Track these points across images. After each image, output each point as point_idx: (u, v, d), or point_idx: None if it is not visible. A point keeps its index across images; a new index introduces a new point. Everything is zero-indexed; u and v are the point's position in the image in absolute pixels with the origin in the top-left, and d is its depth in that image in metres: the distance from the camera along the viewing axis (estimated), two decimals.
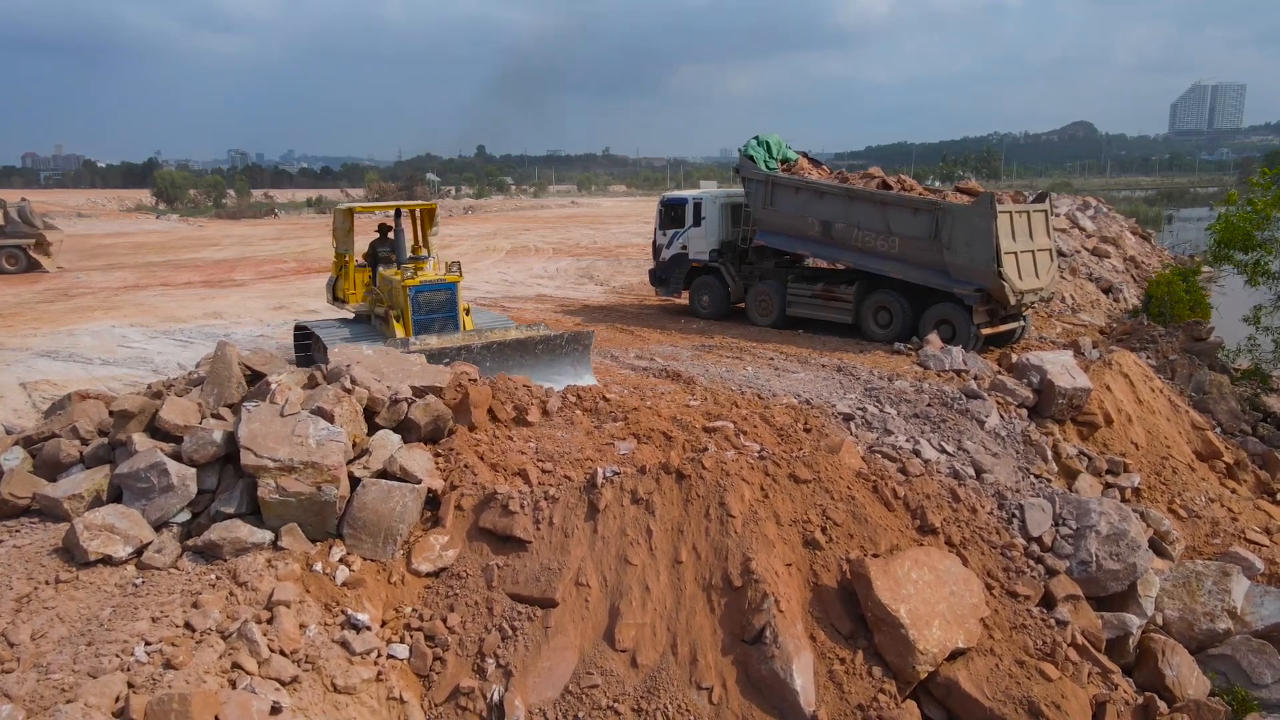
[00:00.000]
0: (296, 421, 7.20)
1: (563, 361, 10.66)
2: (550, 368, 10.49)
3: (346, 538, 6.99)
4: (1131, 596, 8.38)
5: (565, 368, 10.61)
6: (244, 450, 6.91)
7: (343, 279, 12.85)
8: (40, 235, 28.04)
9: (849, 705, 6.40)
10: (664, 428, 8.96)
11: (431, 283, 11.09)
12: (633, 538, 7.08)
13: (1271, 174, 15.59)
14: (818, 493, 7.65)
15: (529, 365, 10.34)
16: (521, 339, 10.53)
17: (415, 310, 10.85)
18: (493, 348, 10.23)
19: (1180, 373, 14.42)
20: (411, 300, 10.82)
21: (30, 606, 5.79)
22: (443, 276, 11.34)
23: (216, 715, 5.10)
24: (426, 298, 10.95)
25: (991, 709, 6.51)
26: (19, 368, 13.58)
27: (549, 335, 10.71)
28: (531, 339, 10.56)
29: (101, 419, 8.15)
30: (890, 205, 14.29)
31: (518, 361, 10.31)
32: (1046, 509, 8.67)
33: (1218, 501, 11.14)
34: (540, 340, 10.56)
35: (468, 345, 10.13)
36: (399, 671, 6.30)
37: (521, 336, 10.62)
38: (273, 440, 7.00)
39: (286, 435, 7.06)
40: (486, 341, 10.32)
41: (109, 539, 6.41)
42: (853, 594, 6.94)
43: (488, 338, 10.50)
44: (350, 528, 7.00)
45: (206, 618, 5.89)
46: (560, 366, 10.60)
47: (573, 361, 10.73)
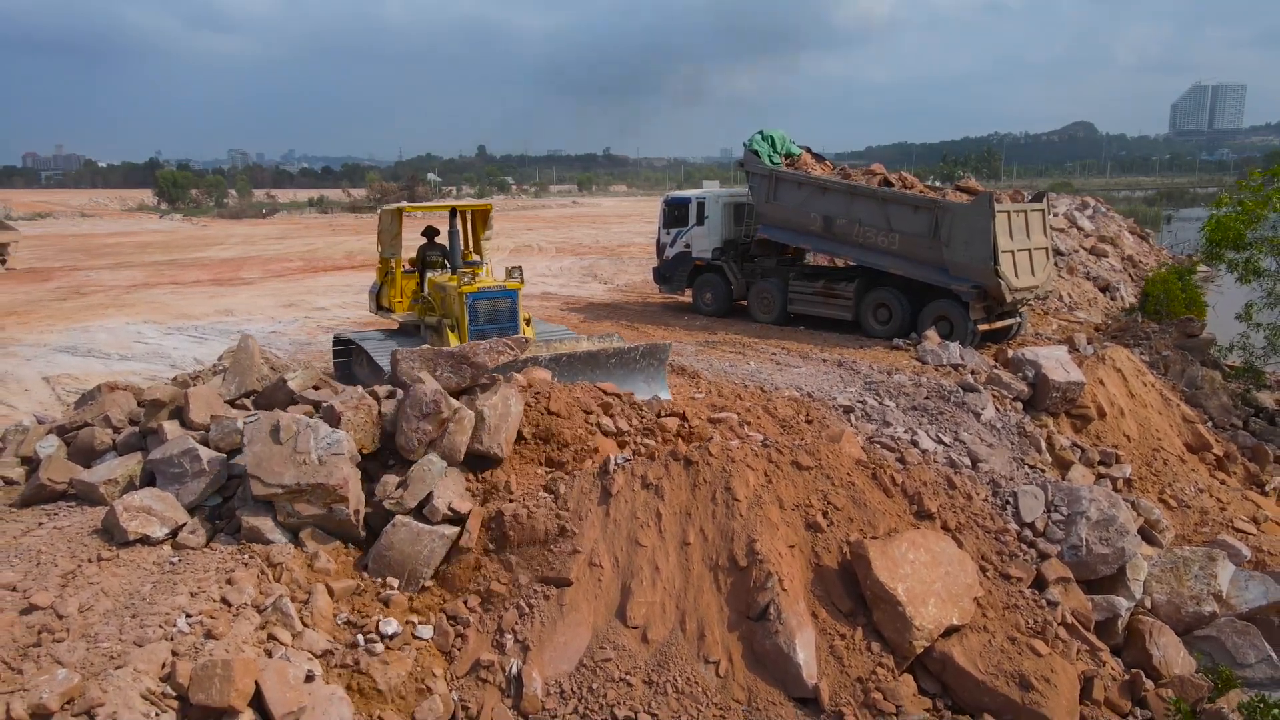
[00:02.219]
0: (296, 435, 7.03)
1: (636, 376, 9.80)
2: (623, 383, 9.52)
3: (371, 570, 6.91)
4: (1120, 580, 8.71)
5: (639, 383, 9.75)
6: (252, 480, 6.85)
7: (388, 285, 11.73)
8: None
9: (849, 678, 6.73)
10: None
11: (490, 289, 10.25)
12: (643, 521, 7.41)
13: (1261, 176, 15.92)
14: (819, 479, 7.99)
15: (600, 379, 9.41)
16: (593, 351, 9.70)
17: (472, 319, 10.06)
18: (562, 360, 9.36)
19: (1173, 368, 14.75)
20: (469, 308, 10.00)
21: (76, 582, 6.13)
22: (502, 283, 10.47)
23: (256, 680, 5.45)
24: (485, 306, 10.13)
25: (984, 682, 6.84)
26: (39, 362, 13.93)
27: (622, 347, 9.89)
28: (604, 351, 9.73)
29: (131, 409, 8.50)
30: (891, 202, 14.62)
31: (588, 375, 9.43)
32: (1039, 496, 9.01)
33: (1207, 492, 11.48)
34: (613, 353, 9.74)
35: (535, 356, 9.26)
36: (424, 649, 6.63)
37: (593, 349, 9.77)
38: (277, 463, 6.88)
39: (289, 455, 6.94)
40: (555, 353, 9.47)
41: (146, 520, 6.74)
42: (852, 574, 7.28)
43: (556, 349, 9.65)
44: (375, 563, 6.94)
45: (241, 593, 6.23)
46: (634, 381, 9.73)
47: (647, 377, 9.89)
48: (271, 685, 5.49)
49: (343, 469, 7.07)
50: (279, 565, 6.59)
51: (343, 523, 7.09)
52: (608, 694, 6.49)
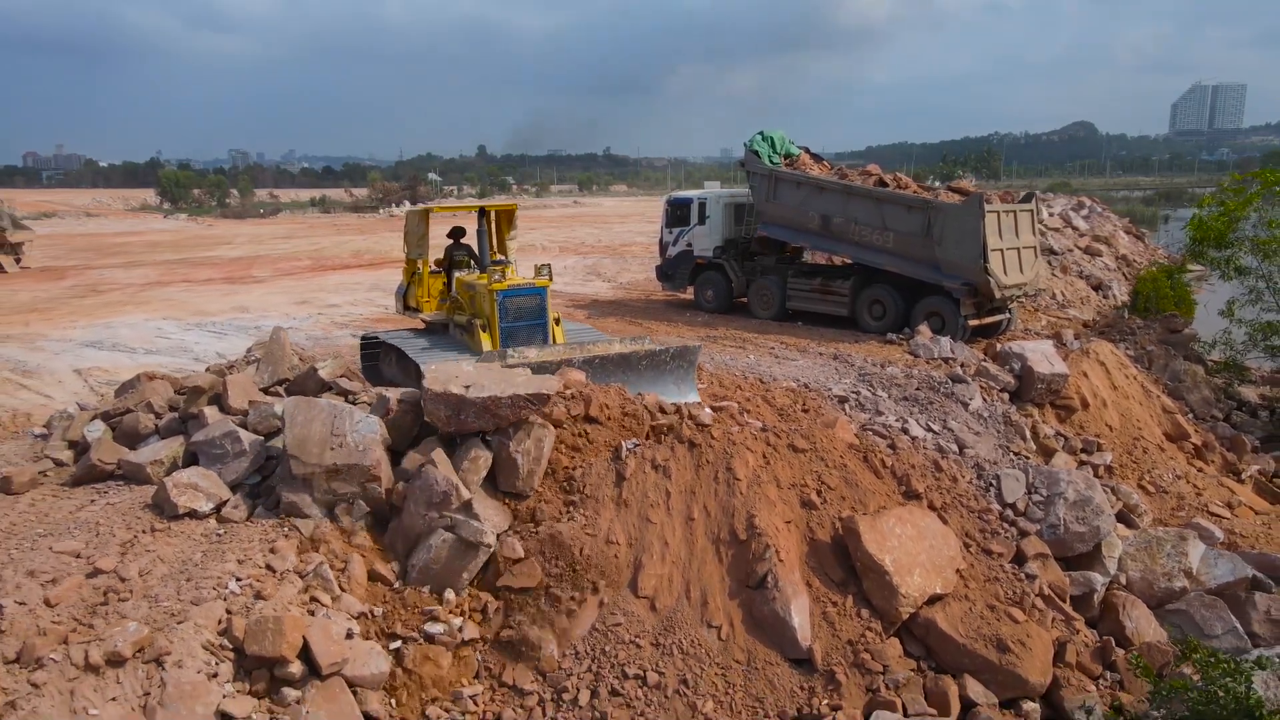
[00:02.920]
0: (335, 417, 7.58)
1: (666, 378, 9.94)
2: (653, 384, 9.73)
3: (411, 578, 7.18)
4: (1096, 557, 9.30)
5: (669, 384, 9.89)
6: (292, 459, 7.42)
7: (415, 286, 11.66)
8: (3, 236, 28.73)
9: (840, 641, 7.32)
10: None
11: (520, 287, 10.26)
12: (653, 500, 7.98)
13: (1240, 179, 16.49)
14: (814, 461, 8.58)
15: (631, 381, 9.53)
16: (625, 353, 9.74)
17: (503, 317, 10.09)
18: (595, 361, 9.46)
19: (1157, 362, 15.33)
20: (499, 306, 10.06)
21: (134, 550, 6.71)
22: (532, 280, 10.48)
23: (303, 635, 6.04)
24: (515, 303, 10.18)
25: (964, 645, 7.43)
26: (68, 356, 14.51)
27: (654, 349, 9.96)
28: (636, 353, 9.79)
29: (169, 396, 9.09)
30: (886, 202, 15.19)
31: (620, 377, 9.51)
32: (1020, 479, 9.60)
33: (1184, 478, 12.07)
34: (645, 355, 9.82)
35: (569, 359, 9.37)
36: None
37: (625, 350, 9.80)
38: (310, 445, 7.43)
39: (324, 437, 7.49)
40: (589, 355, 9.55)
41: (194, 495, 7.32)
42: (844, 547, 7.87)
43: (590, 350, 9.71)
44: (416, 571, 7.22)
45: (284, 561, 6.82)
46: (664, 383, 9.86)
47: (677, 379, 10.02)
48: (317, 639, 6.08)
49: (376, 451, 7.65)
50: (317, 537, 7.17)
51: (375, 500, 7.67)
52: (618, 655, 7.07)
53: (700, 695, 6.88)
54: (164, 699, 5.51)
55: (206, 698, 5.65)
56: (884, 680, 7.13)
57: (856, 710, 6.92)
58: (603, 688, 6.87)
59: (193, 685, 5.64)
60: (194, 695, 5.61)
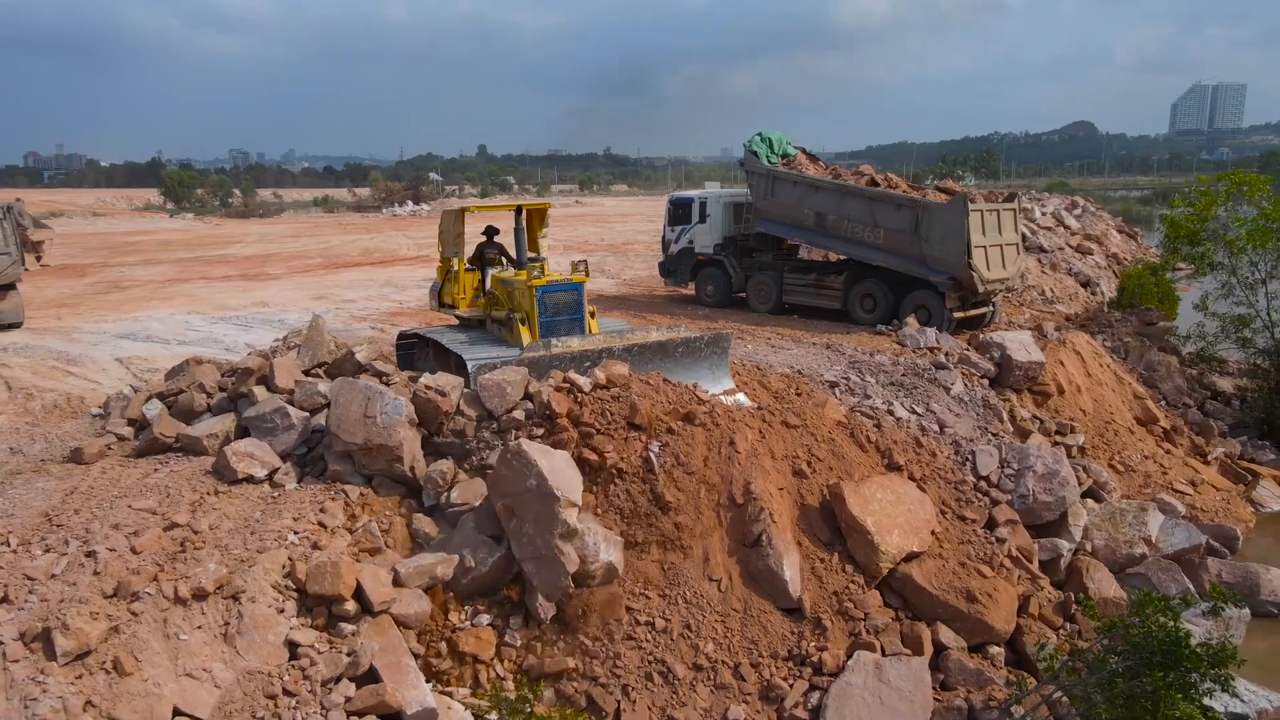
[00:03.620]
0: (368, 400, 8.35)
1: (701, 365, 10.35)
2: (689, 370, 10.16)
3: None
4: (1063, 525, 10.20)
5: (704, 371, 10.33)
6: (333, 436, 8.35)
7: (450, 283, 11.86)
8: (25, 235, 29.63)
9: (827, 592, 8.22)
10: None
11: (558, 283, 10.57)
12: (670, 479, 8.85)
13: (1208, 180, 17.35)
14: (805, 435, 9.47)
15: (668, 368, 9.93)
16: (663, 341, 10.15)
17: (542, 312, 10.33)
18: (634, 350, 9.81)
19: (1133, 353, 16.22)
20: (538, 301, 10.32)
21: (202, 508, 7.59)
22: (569, 276, 10.80)
23: (357, 578, 6.93)
24: (553, 298, 10.44)
25: (937, 596, 8.33)
26: (107, 347, 15.39)
27: (689, 337, 10.37)
28: (672, 341, 10.19)
29: (217, 379, 9.98)
30: (877, 200, 16.06)
31: (657, 364, 9.89)
32: (994, 453, 10.50)
33: (1152, 459, 12.96)
34: (681, 342, 10.23)
35: (609, 347, 9.73)
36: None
37: (663, 339, 10.22)
38: (349, 424, 8.25)
39: (359, 417, 8.29)
40: (628, 343, 9.90)
41: (250, 463, 8.21)
42: (831, 511, 8.76)
43: (629, 339, 10.08)
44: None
45: (334, 519, 7.71)
46: (699, 370, 10.29)
47: (711, 365, 10.46)
48: (369, 582, 6.97)
49: (399, 433, 8.29)
50: (361, 501, 8.06)
51: (400, 477, 8.51)
52: (632, 604, 7.95)
53: (702, 638, 7.77)
54: (241, 628, 6.41)
55: (276, 628, 6.55)
56: (865, 626, 8.02)
57: (840, 651, 7.82)
58: (618, 632, 7.75)
59: (264, 617, 6.54)
60: (265, 625, 6.51)
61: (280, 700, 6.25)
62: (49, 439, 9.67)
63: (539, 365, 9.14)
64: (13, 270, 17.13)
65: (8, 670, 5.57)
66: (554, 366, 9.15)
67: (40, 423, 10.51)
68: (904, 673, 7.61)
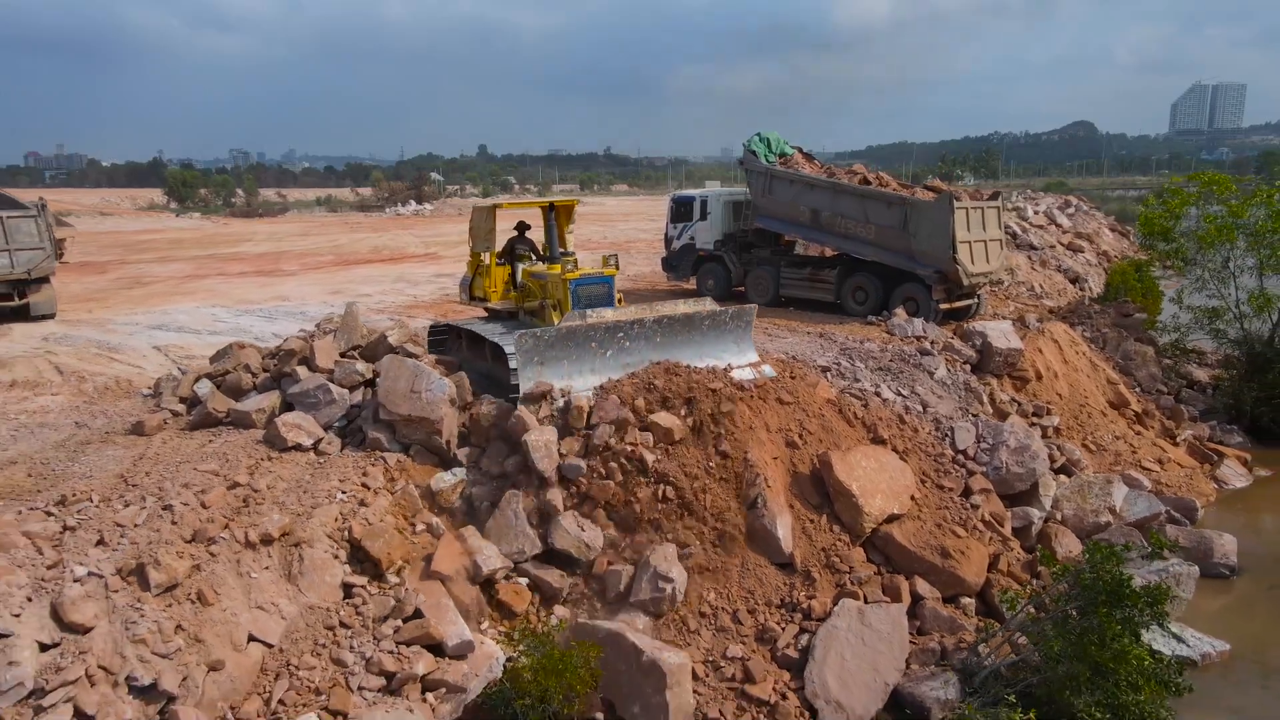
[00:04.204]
0: (415, 376, 9.35)
1: (727, 337, 10.86)
2: (715, 342, 10.71)
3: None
4: (1034, 495, 11.13)
5: (729, 343, 10.88)
6: (380, 406, 9.32)
7: (481, 277, 12.21)
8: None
9: (815, 548, 9.15)
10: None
11: (591, 276, 11.07)
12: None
13: (1179, 180, 18.26)
14: (797, 411, 10.40)
15: (696, 341, 10.49)
16: (690, 313, 10.57)
17: (575, 303, 10.66)
18: (663, 322, 10.28)
19: (1111, 343, 17.17)
20: (572, 294, 10.72)
21: (258, 471, 8.52)
22: (600, 270, 11.30)
23: (398, 527, 7.86)
24: (586, 290, 10.82)
25: (914, 552, 9.26)
26: (142, 337, 16.32)
27: (715, 310, 10.80)
28: (699, 314, 10.63)
29: (258, 361, 10.91)
30: (868, 198, 16.98)
31: (685, 337, 10.43)
32: (971, 430, 11.43)
33: (1122, 439, 13.90)
34: (708, 315, 10.67)
35: (640, 319, 10.17)
36: None
37: (690, 311, 10.65)
38: (396, 397, 9.23)
39: (405, 391, 9.26)
40: (659, 315, 10.32)
41: (298, 433, 9.15)
42: (820, 478, 9.69)
43: (659, 311, 10.47)
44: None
45: (375, 481, 8.64)
46: (725, 342, 10.83)
47: (736, 337, 10.97)
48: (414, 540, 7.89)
49: (440, 409, 9.30)
50: (400, 466, 8.99)
51: (436, 449, 9.44)
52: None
53: (705, 589, 8.70)
54: (302, 570, 7.35)
55: (332, 571, 7.49)
56: (850, 578, 8.96)
57: (827, 599, 8.75)
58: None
59: (322, 562, 7.48)
60: (323, 569, 7.45)
61: (338, 631, 7.19)
62: (108, 415, 10.61)
63: (576, 334, 9.76)
64: (46, 264, 18.08)
65: (110, 598, 6.50)
66: (589, 337, 9.82)
67: (95, 402, 11.45)
68: (884, 618, 8.53)
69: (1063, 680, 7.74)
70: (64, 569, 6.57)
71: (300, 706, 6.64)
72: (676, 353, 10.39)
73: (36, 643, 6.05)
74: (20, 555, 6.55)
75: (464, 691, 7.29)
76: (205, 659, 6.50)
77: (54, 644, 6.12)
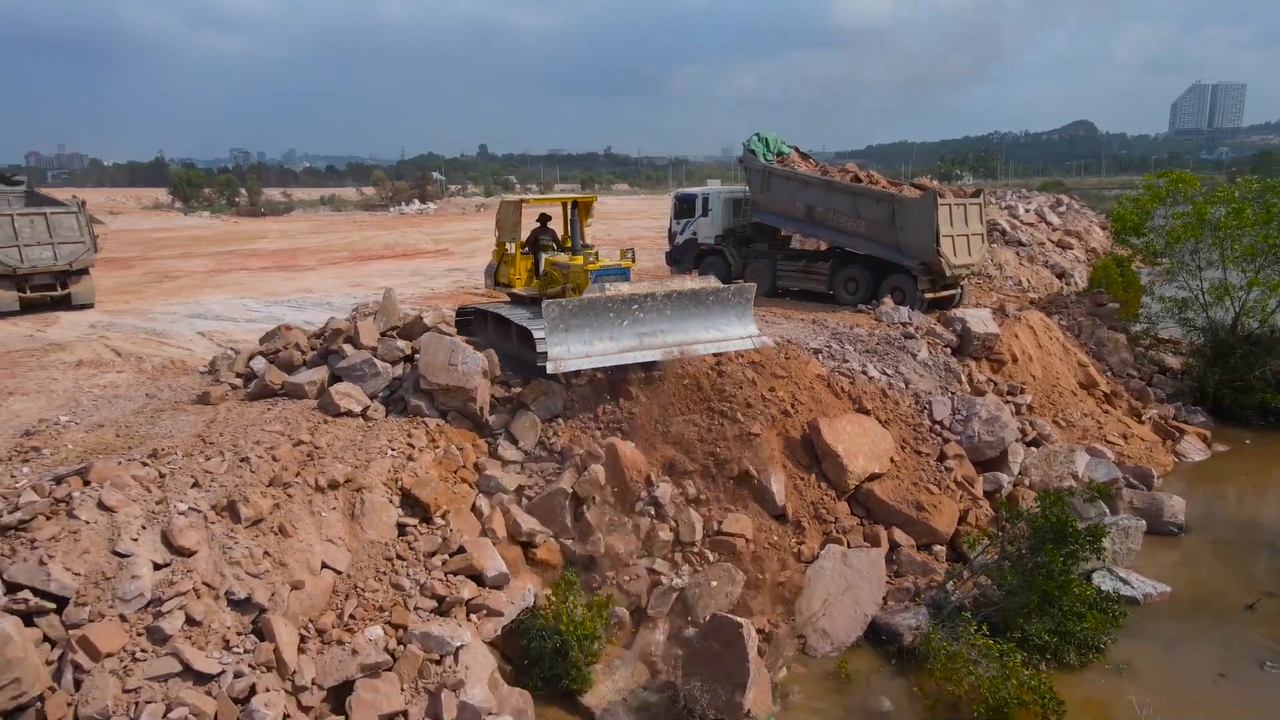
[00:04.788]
0: (452, 351, 10.58)
1: (730, 312, 11.82)
2: (720, 316, 11.71)
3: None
4: (1004, 461, 12.36)
5: (732, 318, 11.85)
6: (421, 377, 10.55)
7: (506, 265, 13.06)
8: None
9: (805, 502, 10.38)
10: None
11: (610, 267, 12.15)
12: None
13: (1150, 178, 19.49)
14: (789, 384, 11.63)
15: (702, 314, 11.52)
16: (696, 290, 11.60)
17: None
18: (673, 296, 11.29)
19: (1085, 330, 18.39)
20: (593, 284, 11.64)
21: (318, 432, 9.74)
22: (619, 262, 12.38)
23: (442, 478, 9.08)
24: (605, 281, 11.72)
25: (893, 506, 10.49)
26: (183, 324, 17.57)
27: (719, 287, 11.88)
28: (705, 290, 11.66)
29: (304, 340, 12.13)
30: (859, 195, 18.19)
31: (693, 310, 11.45)
32: (947, 403, 12.66)
33: (1090, 416, 15.13)
34: (711, 292, 11.72)
35: (653, 293, 11.18)
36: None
37: (696, 287, 11.71)
38: (436, 369, 10.45)
39: (444, 364, 10.47)
40: (669, 290, 11.43)
41: (349, 400, 10.37)
42: (810, 442, 10.92)
43: (670, 287, 11.57)
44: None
45: (419, 441, 9.87)
46: (728, 316, 11.80)
47: (739, 312, 11.92)
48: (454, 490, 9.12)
49: (475, 379, 10.51)
50: (440, 429, 10.23)
51: (471, 414, 10.66)
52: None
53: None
54: (364, 511, 8.58)
55: (388, 513, 8.72)
56: (835, 527, 10.20)
57: (815, 544, 9.99)
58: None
59: (380, 505, 8.71)
60: (381, 511, 8.68)
61: (395, 562, 8.43)
62: (172, 389, 11.85)
63: (596, 305, 10.78)
64: (86, 257, 19.42)
65: (209, 528, 7.73)
66: (608, 308, 10.86)
67: (157, 378, 12.69)
68: (864, 560, 9.77)
69: (1017, 609, 8.97)
70: (168, 504, 7.80)
71: (367, 621, 7.88)
72: (684, 324, 11.37)
73: (152, 562, 7.28)
74: (133, 493, 7.78)
75: (501, 615, 8.53)
76: (288, 580, 7.73)
77: (165, 564, 7.35)
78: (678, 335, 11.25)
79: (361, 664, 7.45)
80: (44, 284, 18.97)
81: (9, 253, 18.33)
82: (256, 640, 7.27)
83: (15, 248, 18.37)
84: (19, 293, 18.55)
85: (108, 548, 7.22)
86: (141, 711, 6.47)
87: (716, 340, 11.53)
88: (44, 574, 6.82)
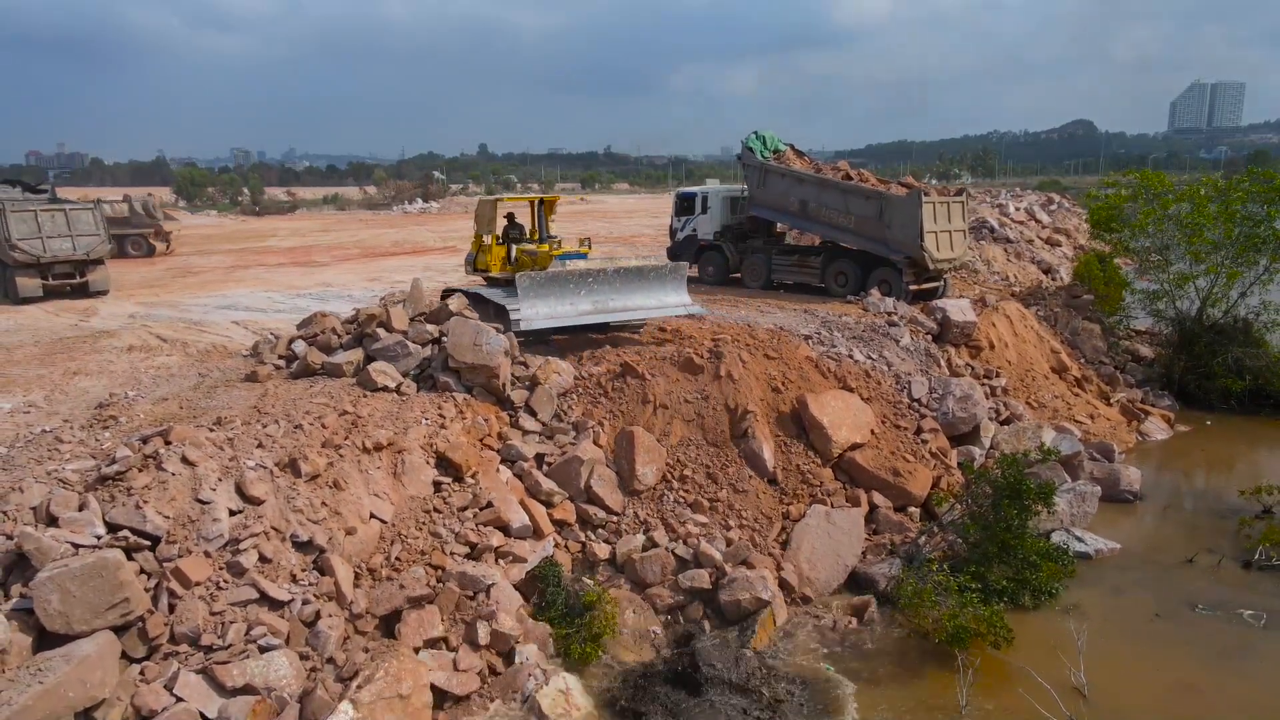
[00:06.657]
0: (477, 333, 11.85)
1: (668, 285, 14.16)
2: (660, 287, 14.02)
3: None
4: (976, 436, 13.56)
5: (669, 290, 14.17)
6: (450, 357, 11.77)
7: (484, 254, 15.64)
8: (158, 225, 33.51)
9: (793, 468, 11.58)
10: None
11: (570, 253, 14.92)
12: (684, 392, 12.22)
13: (1123, 175, 20.65)
14: (780, 364, 12.83)
15: (645, 287, 13.81)
16: (640, 266, 14.07)
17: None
18: (620, 271, 13.64)
19: (1060, 320, 19.59)
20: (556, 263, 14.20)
21: (359, 404, 10.94)
22: (578, 249, 15.14)
23: (471, 443, 10.28)
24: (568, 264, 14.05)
25: (873, 472, 11.70)
26: (217, 314, 18.77)
27: (658, 265, 14.45)
28: (646, 266, 14.14)
29: (338, 325, 13.34)
30: (849, 192, 19.37)
31: (637, 284, 13.74)
32: (925, 382, 13.86)
33: (1061, 398, 16.33)
34: (652, 268, 14.13)
35: (604, 269, 13.58)
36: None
37: (640, 265, 14.22)
38: (463, 349, 11.67)
39: (470, 344, 11.71)
40: (617, 266, 13.80)
41: (384, 377, 11.57)
42: (798, 415, 12.12)
43: (617, 264, 14.02)
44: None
45: (449, 413, 11.07)
46: (665, 289, 14.13)
47: (675, 285, 14.27)
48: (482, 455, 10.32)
49: (498, 358, 11.73)
50: (467, 403, 11.43)
51: (495, 390, 11.86)
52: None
53: (707, 495, 11.14)
54: (405, 470, 9.79)
55: (426, 473, 9.93)
56: (820, 490, 11.40)
57: (803, 506, 11.19)
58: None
59: (418, 465, 9.92)
60: (419, 470, 9.88)
61: (433, 514, 9.63)
62: (221, 369, 13.06)
63: (559, 278, 13.14)
64: (101, 248, 21.68)
65: (274, 481, 8.93)
66: (569, 280, 13.19)
67: (204, 361, 13.90)
68: (846, 519, 10.98)
69: (979, 559, 10.17)
70: (239, 461, 9.00)
71: (410, 562, 9.08)
72: (630, 294, 13.67)
73: (228, 509, 8.49)
74: (208, 450, 8.98)
75: (525, 561, 9.74)
76: (343, 526, 8.93)
77: (239, 510, 8.56)
78: (624, 302, 13.60)
79: (408, 596, 8.65)
80: (64, 273, 21.14)
81: (33, 244, 20.50)
82: (318, 575, 8.48)
83: (39, 239, 20.57)
84: (42, 280, 20.72)
85: (191, 495, 8.42)
86: (227, 630, 7.68)
87: (656, 308, 13.95)
88: (140, 516, 8.02)
